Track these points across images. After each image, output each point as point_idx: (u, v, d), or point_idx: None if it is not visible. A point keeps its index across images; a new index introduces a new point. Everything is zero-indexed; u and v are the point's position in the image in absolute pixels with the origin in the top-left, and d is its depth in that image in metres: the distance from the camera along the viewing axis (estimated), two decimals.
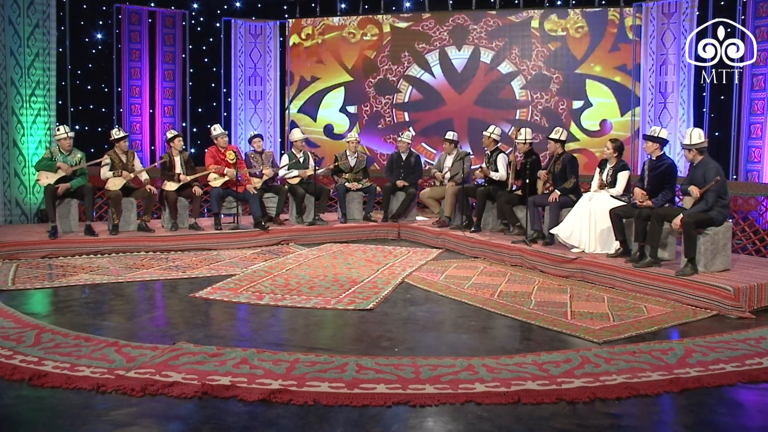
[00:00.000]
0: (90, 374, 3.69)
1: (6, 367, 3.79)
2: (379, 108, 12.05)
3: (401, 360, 4.00)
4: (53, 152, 7.75)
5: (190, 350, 4.11)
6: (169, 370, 3.76)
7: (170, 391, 3.46)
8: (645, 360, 4.04)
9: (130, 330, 4.74)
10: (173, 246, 7.86)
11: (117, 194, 7.76)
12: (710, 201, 5.57)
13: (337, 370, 3.79)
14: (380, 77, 12.01)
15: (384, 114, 12.04)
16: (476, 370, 3.84)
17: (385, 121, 12.00)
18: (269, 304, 5.40)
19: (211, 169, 8.32)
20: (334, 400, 3.37)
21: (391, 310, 5.32)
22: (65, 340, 4.32)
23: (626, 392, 3.52)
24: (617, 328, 4.76)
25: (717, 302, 5.19)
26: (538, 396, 3.46)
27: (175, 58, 11.70)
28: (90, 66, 11.38)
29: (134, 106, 11.39)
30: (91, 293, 5.76)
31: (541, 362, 3.99)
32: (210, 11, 12.27)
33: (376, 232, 9.17)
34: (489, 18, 11.40)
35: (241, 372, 3.74)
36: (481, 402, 3.39)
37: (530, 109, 11.30)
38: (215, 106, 12.26)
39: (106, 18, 11.38)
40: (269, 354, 4.06)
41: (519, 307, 5.34)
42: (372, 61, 12.03)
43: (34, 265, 6.85)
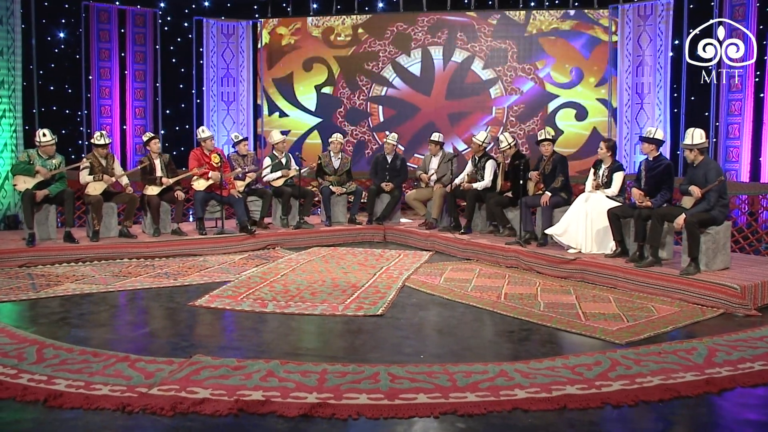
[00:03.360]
0: (109, 393, 3.46)
1: (15, 388, 3.51)
2: (358, 137, 11.91)
3: (431, 367, 3.89)
4: (31, 156, 7.33)
5: (210, 363, 3.91)
6: (194, 385, 3.55)
7: (202, 409, 3.26)
8: (672, 360, 4.04)
9: (136, 343, 4.50)
10: (157, 252, 7.55)
11: (98, 199, 7.41)
12: (712, 201, 5.65)
13: (370, 380, 3.66)
14: (348, 108, 11.89)
15: (366, 140, 11.91)
16: (510, 375, 3.77)
17: (372, 148, 11.83)
18: (275, 312, 5.22)
19: (195, 171, 8.04)
20: (378, 413, 3.24)
21: (401, 315, 5.21)
22: (71, 356, 4.06)
23: (667, 394, 3.50)
24: (634, 328, 4.76)
25: (724, 300, 5.26)
26: (582, 401, 3.41)
27: (146, 57, 11.30)
28: (54, 66, 10.88)
29: (104, 108, 10.94)
30: (83, 302, 5.46)
31: (572, 365, 3.94)
32: (178, 10, 11.91)
33: (362, 235, 9.04)
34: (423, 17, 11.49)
35: (270, 385, 3.57)
36: (527, 409, 3.31)
37: (500, 83, 11.33)
38: (187, 108, 11.91)
39: (73, 16, 10.89)
40: (294, 365, 3.89)
41: (530, 310, 5.30)
42: (332, 97, 11.92)
43: (12, 275, 6.47)
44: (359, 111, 11.88)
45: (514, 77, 11.27)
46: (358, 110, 11.88)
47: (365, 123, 11.88)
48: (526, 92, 11.15)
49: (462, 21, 11.39)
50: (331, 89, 11.92)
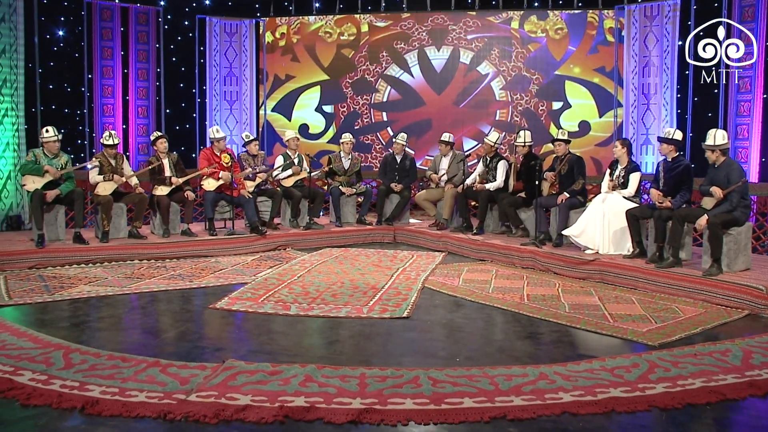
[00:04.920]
0: (146, 399, 3.37)
1: (50, 395, 3.42)
2: (356, 108, 11.83)
3: (470, 370, 3.84)
4: (37, 155, 7.20)
5: (244, 368, 3.83)
6: (233, 392, 3.47)
7: (246, 416, 3.19)
8: (709, 362, 4.01)
9: (162, 347, 4.41)
10: (168, 253, 7.45)
11: (108, 199, 7.29)
12: (735, 201, 5.64)
13: (411, 385, 3.59)
14: (357, 77, 11.80)
15: (362, 114, 11.83)
16: (551, 378, 3.73)
17: (362, 121, 11.80)
18: (299, 315, 5.14)
19: (204, 170, 7.94)
20: (427, 418, 3.18)
21: (428, 317, 5.15)
22: (99, 361, 3.96)
23: (713, 397, 3.47)
24: (663, 330, 4.73)
25: (749, 302, 5.25)
26: (629, 404, 3.37)
27: (148, 56, 11.15)
28: (56, 64, 10.69)
29: (106, 107, 10.78)
30: (101, 304, 5.36)
31: (611, 367, 3.90)
32: (180, 8, 11.77)
33: (372, 235, 8.98)
34: (468, 18, 11.36)
35: (311, 391, 3.50)
36: (576, 413, 3.27)
37: (510, 109, 11.32)
38: (190, 107, 11.77)
39: (75, 13, 10.72)
40: (331, 370, 3.82)
41: (556, 311, 5.26)
42: (349, 60, 11.78)
43: (23, 277, 6.34)
44: (367, 83, 11.73)
45: (524, 108, 11.17)
46: (366, 82, 11.73)
47: (369, 97, 11.76)
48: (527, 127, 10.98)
49: (502, 35, 11.19)
50: (351, 52, 11.76)
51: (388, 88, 11.77)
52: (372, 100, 11.78)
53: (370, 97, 11.77)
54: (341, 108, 11.85)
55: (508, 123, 11.22)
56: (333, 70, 11.83)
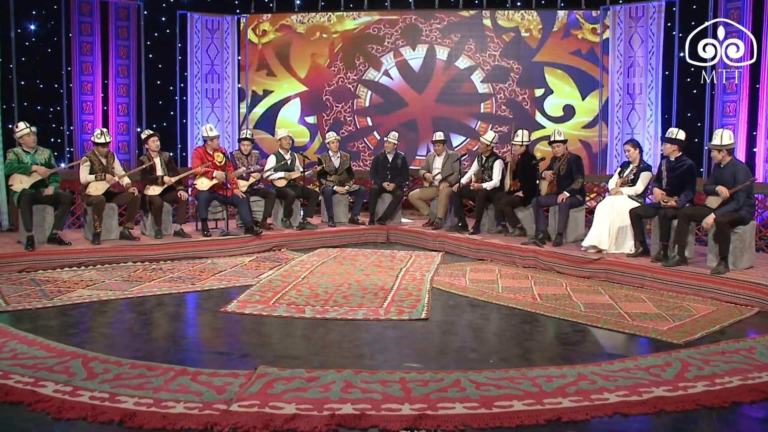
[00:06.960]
0: (186, 411, 3.23)
1: (82, 408, 3.23)
2: (339, 116, 11.71)
3: (508, 372, 3.80)
4: (18, 154, 6.91)
5: (279, 375, 3.70)
6: (275, 400, 3.35)
7: (297, 426, 3.07)
8: (739, 360, 4.05)
9: (184, 353, 4.26)
10: (162, 255, 7.22)
11: (100, 200, 7.03)
12: (741, 200, 5.74)
13: (455, 389, 3.53)
14: (335, 85, 11.68)
15: (345, 121, 11.72)
16: (590, 378, 3.71)
17: (348, 128, 11.68)
18: (315, 317, 5.03)
19: (198, 169, 7.73)
20: (483, 423, 3.12)
21: (446, 318, 5.10)
22: (123, 370, 3.78)
23: (756, 395, 3.50)
24: (683, 328, 4.77)
25: (759, 299, 5.35)
26: (677, 403, 3.37)
27: (129, 52, 10.82)
28: (32, 60, 10.28)
29: (86, 104, 10.43)
30: (105, 309, 5.14)
31: (645, 367, 3.90)
32: (160, 4, 11.46)
33: (366, 235, 8.89)
34: (438, 15, 11.36)
35: (356, 397, 3.40)
36: (627, 413, 3.25)
37: (493, 101, 11.33)
38: (169, 104, 11.48)
39: (51, 7, 10.32)
40: (368, 374, 3.73)
41: (572, 311, 5.27)
42: (324, 69, 11.68)
43: (15, 281, 6.06)
44: (347, 90, 11.65)
45: (507, 98, 11.22)
46: (346, 89, 11.65)
47: (350, 103, 11.67)
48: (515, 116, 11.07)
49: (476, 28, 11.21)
50: (326, 61, 11.63)
51: (369, 93, 11.69)
52: (354, 106, 11.68)
53: (352, 103, 11.67)
54: (324, 117, 11.72)
55: (494, 115, 11.26)
56: (310, 81, 11.69)
